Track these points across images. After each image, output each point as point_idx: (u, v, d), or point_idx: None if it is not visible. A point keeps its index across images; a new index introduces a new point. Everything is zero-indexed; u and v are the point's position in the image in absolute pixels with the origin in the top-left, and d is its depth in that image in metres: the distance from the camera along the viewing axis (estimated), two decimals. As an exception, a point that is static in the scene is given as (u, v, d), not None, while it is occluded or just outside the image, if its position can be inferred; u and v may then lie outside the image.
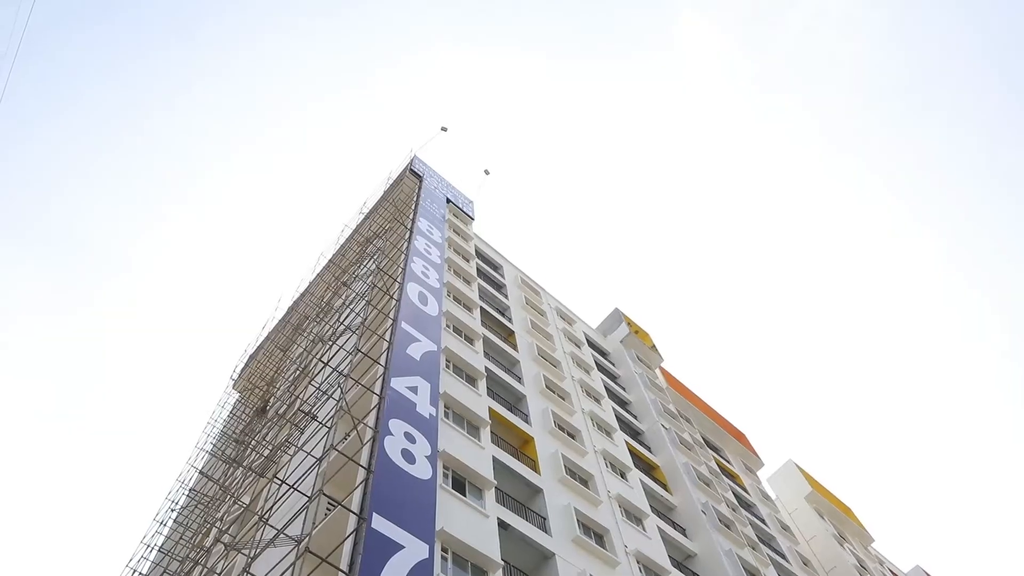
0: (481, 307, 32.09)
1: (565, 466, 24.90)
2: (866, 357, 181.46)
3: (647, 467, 32.97)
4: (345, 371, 22.49)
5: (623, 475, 28.74)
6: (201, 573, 22.63)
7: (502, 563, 17.23)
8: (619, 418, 34.98)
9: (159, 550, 29.98)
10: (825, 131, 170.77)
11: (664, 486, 32.19)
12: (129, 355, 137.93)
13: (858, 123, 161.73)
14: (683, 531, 29.71)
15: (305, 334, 33.83)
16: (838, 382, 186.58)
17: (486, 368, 26.78)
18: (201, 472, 32.96)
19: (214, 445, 35.92)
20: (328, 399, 22.32)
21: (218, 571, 22.04)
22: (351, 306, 28.73)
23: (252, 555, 17.33)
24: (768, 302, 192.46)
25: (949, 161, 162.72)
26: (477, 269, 36.73)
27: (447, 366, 24.42)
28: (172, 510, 31.67)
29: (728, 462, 43.62)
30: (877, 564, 51.74)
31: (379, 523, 14.80)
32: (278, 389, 33.35)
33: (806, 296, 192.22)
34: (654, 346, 46.88)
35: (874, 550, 55.40)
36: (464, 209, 42.35)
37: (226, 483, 28.28)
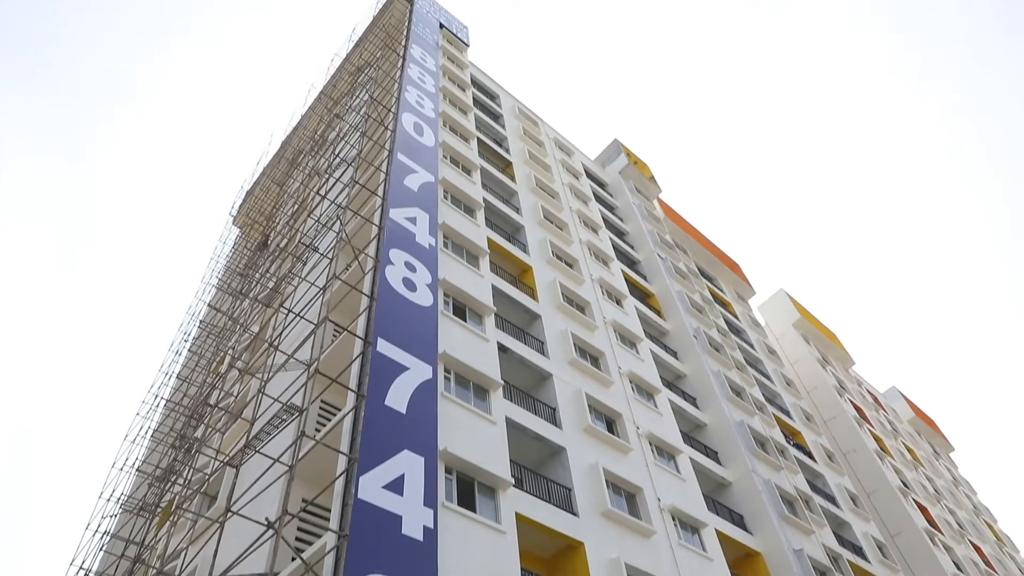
0: (478, 137, 31.49)
1: (562, 293, 25.64)
2: (860, 188, 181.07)
3: (642, 295, 33.96)
4: (343, 203, 22.49)
5: (619, 302, 29.66)
6: (219, 396, 23.99)
7: (502, 382, 18.24)
8: (616, 248, 35.52)
9: (177, 377, 31.54)
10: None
11: (658, 313, 33.33)
12: (129, 194, 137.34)
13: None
14: (674, 354, 31.16)
15: (301, 168, 33.43)
16: (833, 213, 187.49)
17: (484, 199, 26.79)
18: (209, 305, 33.92)
19: (219, 279, 36.68)
20: (328, 231, 22.50)
21: (234, 394, 23.35)
22: (346, 138, 28.16)
23: (265, 379, 18.25)
24: (766, 135, 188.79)
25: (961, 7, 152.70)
26: (473, 98, 35.63)
27: (445, 197, 24.40)
28: (185, 341, 32.93)
29: (721, 291, 44.85)
30: (856, 385, 54.82)
31: (384, 347, 15.48)
32: (278, 223, 33.49)
33: (803, 130, 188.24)
34: (652, 177, 46.57)
35: (854, 372, 58.50)
36: (458, 35, 40.29)
37: (234, 314, 29.19)
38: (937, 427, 65.15)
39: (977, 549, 45.44)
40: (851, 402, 48.06)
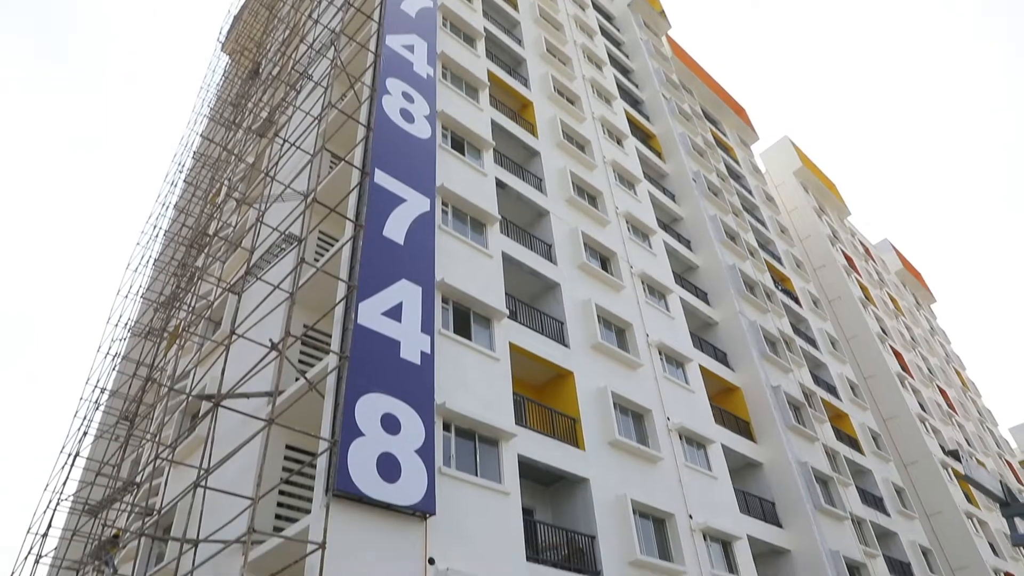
0: (479, -39, 29.37)
1: (563, 131, 25.13)
2: (873, 37, 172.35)
3: (644, 136, 33.31)
4: (337, 29, 21.39)
5: (619, 142, 29.14)
6: (217, 226, 24.12)
7: (499, 217, 18.31)
8: (620, 86, 34.36)
9: (174, 207, 31.54)
10: None
11: (659, 154, 32.88)
12: (112, 21, 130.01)
13: None
14: (672, 197, 31.11)
15: (290, -11, 31.44)
16: (844, 62, 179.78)
17: (485, 28, 25.46)
18: (202, 136, 33.23)
19: (211, 109, 35.66)
20: (322, 58, 21.59)
21: (233, 224, 23.46)
22: (337, -44, 26.23)
23: (263, 208, 18.25)
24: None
25: None
26: (474, -85, 32.85)
27: (444, 24, 23.19)
28: (180, 172, 32.61)
29: (724, 135, 43.97)
30: (849, 235, 55.31)
31: (381, 178, 15.39)
32: (268, 50, 32.03)
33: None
34: (663, 11, 44.13)
35: (849, 223, 58.79)
36: None
37: (229, 145, 28.65)
38: (922, 279, 66.58)
39: (943, 393, 48.05)
40: (842, 252, 48.75)
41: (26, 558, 19.17)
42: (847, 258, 48.90)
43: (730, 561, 18.36)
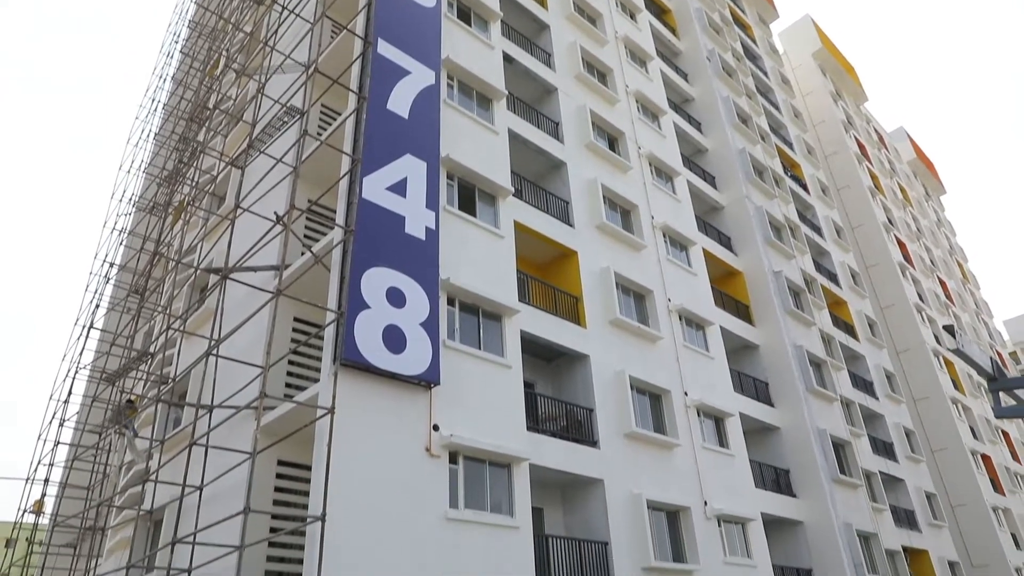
0: None
1: (574, 3, 23.96)
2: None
3: (658, 10, 31.81)
4: None
5: (632, 16, 27.87)
6: (217, 98, 23.54)
7: (506, 93, 17.80)
8: (635, -44, 32.46)
9: (172, 79, 30.67)
10: None
11: (673, 31, 31.54)
12: None
13: None
14: (685, 76, 30.10)
15: None
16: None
17: None
18: (196, 3, 31.80)
19: (205, -26, 33.91)
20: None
21: (233, 96, 22.88)
22: None
23: (263, 80, 17.72)
24: None
25: None
26: None
27: None
28: (175, 43, 31.48)
29: (743, 11, 41.93)
30: (864, 123, 53.89)
31: (385, 48, 14.87)
32: (262, -92, 30.05)
33: None
34: None
35: (865, 109, 57.13)
36: None
37: (224, 13, 27.48)
38: (935, 169, 65.48)
39: (943, 284, 48.39)
40: (855, 139, 47.70)
41: (51, 422, 20.08)
42: (860, 145, 47.91)
43: (721, 436, 19.17)
